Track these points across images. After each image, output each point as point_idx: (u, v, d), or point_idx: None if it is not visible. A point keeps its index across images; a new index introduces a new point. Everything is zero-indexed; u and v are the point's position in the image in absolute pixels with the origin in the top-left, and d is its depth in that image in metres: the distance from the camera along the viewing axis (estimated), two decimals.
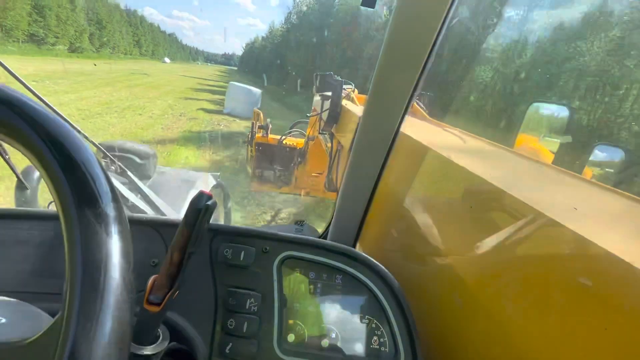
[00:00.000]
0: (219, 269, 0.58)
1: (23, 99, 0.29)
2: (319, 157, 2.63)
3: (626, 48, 1.62)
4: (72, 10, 48.25)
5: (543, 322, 0.40)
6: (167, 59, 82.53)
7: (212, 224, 0.56)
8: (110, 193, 0.28)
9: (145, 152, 1.76)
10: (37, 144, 0.28)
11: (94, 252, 0.25)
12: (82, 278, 0.23)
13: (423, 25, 0.53)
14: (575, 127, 0.94)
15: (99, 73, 22.34)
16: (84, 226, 0.26)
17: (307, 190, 3.12)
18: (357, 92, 2.01)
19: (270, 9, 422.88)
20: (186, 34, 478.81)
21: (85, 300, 0.23)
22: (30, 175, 1.13)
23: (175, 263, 0.36)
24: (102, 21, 62.58)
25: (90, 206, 0.26)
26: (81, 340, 0.22)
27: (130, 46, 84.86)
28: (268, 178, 3.39)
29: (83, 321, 0.23)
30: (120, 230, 0.27)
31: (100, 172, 0.29)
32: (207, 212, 0.35)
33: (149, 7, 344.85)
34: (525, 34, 1.27)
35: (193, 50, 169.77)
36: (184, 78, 28.72)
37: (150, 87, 16.86)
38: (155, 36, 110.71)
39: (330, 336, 0.55)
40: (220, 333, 0.54)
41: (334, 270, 0.59)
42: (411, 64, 0.57)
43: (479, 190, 0.57)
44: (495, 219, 0.53)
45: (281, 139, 3.09)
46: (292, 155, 3.06)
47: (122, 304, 0.25)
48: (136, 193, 1.05)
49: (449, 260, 0.60)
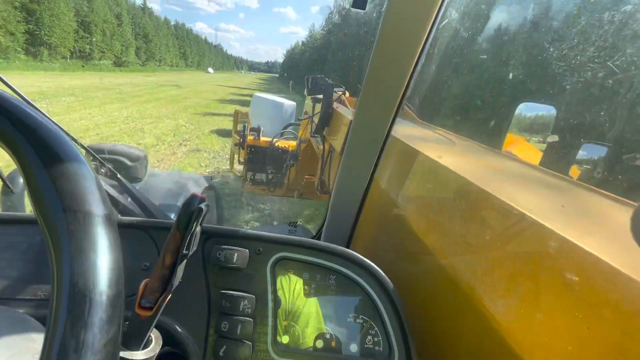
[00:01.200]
0: (212, 272, 0.57)
1: (13, 102, 0.28)
2: (311, 158, 2.63)
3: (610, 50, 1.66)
4: (118, 26, 48.98)
5: (533, 319, 0.41)
6: (211, 69, 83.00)
7: (205, 226, 0.55)
8: (99, 197, 0.28)
9: (136, 155, 1.73)
10: (23, 146, 0.27)
11: (82, 261, 0.25)
12: (69, 287, 0.23)
13: (412, 28, 0.54)
14: (563, 126, 0.96)
15: (124, 86, 19.65)
16: (72, 233, 0.25)
17: (300, 192, 3.13)
18: (348, 94, 2.02)
19: (311, 16, 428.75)
20: (232, 45, 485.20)
21: (72, 309, 0.23)
22: (16, 179, 1.10)
23: (168, 266, 0.36)
24: (148, 35, 63.45)
25: (78, 211, 0.26)
26: (69, 348, 0.21)
27: (176, 58, 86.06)
28: (261, 180, 3.37)
29: (70, 329, 0.22)
30: (110, 237, 0.27)
31: (90, 175, 0.28)
32: (200, 214, 0.35)
33: (200, 22, 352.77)
34: (514, 35, 1.29)
35: (238, 60, 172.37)
36: (218, 88, 27.08)
37: (170, 102, 14.44)
38: (201, 48, 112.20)
39: (325, 337, 0.55)
40: (214, 336, 0.54)
41: (327, 271, 0.59)
42: (401, 65, 0.58)
43: (468, 190, 0.58)
44: (486, 218, 0.54)
45: (273, 141, 3.08)
46: (284, 157, 3.06)
47: (111, 313, 0.24)
48: (126, 196, 1.04)
49: (442, 260, 0.61)
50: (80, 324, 0.23)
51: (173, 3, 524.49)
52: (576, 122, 0.98)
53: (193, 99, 16.71)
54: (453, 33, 0.91)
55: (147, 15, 67.53)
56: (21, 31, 29.64)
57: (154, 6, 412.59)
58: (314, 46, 44.60)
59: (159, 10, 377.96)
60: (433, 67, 0.96)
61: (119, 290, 0.26)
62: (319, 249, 0.60)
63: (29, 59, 30.28)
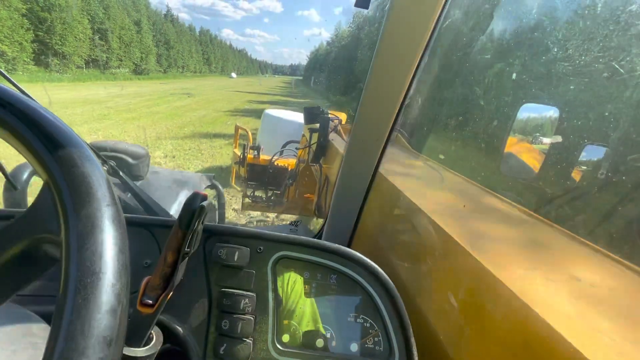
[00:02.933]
0: (213, 270, 0.57)
1: (25, 101, 0.29)
2: (309, 179, 2.63)
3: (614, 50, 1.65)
4: (137, 32, 48.01)
5: (535, 320, 0.41)
6: (234, 74, 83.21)
7: (206, 224, 0.56)
8: (108, 194, 0.28)
9: (137, 152, 1.74)
10: (35, 144, 0.28)
11: (90, 255, 0.25)
12: (76, 280, 0.23)
13: (415, 28, 0.54)
14: (565, 128, 0.95)
15: (124, 98, 16.38)
16: (81, 228, 0.25)
17: (300, 211, 3.12)
18: (344, 121, 2.05)
19: (334, 17, 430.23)
20: (257, 50, 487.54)
21: (78, 301, 0.23)
22: (19, 176, 1.11)
23: (170, 264, 0.36)
24: (170, 41, 62.66)
25: (89, 207, 0.26)
26: (72, 342, 0.22)
27: (200, 64, 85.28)
28: (260, 198, 3.38)
29: (75, 322, 0.22)
30: (118, 232, 0.27)
31: (99, 173, 0.29)
32: (202, 212, 0.35)
33: (227, 29, 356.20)
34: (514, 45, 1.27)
35: (262, 64, 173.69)
36: (235, 95, 23.40)
37: (167, 117, 11.24)
38: (225, 53, 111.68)
39: (325, 336, 0.55)
40: (215, 334, 0.54)
41: (328, 270, 0.59)
42: (404, 65, 0.57)
43: (470, 190, 0.58)
44: (487, 218, 0.54)
45: (272, 159, 3.09)
46: (283, 175, 3.04)
47: (116, 308, 0.24)
48: (128, 193, 1.04)
49: (443, 260, 0.61)
50: (85, 321, 0.23)
51: (202, 12, 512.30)
52: (580, 123, 0.97)
53: (200, 111, 13.66)
54: (456, 33, 0.91)
55: (169, 21, 66.59)
56: (29, 40, 28.51)
57: (184, 15, 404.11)
58: (338, 45, 44.61)
59: (189, 19, 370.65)
60: (436, 67, 0.95)
61: (125, 288, 0.26)
62: (320, 248, 0.59)
63: (39, 70, 29.19)
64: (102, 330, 0.23)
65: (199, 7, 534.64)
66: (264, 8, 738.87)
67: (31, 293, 0.53)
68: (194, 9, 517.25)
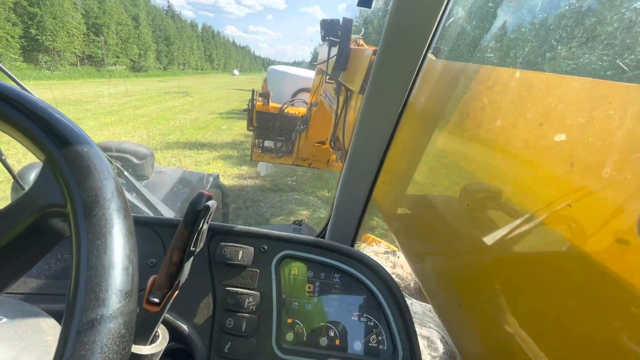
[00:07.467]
0: (218, 269, 0.58)
1: (37, 102, 0.30)
2: (322, 123, 2.52)
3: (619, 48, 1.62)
4: (135, 28, 46.45)
5: (541, 319, 0.41)
6: (236, 71, 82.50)
7: (210, 223, 0.56)
8: (116, 192, 0.29)
9: (142, 153, 1.75)
10: (46, 144, 0.29)
11: (97, 220, 0.26)
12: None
13: (418, 25, 0.54)
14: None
15: (109, 98, 14.14)
16: (85, 198, 0.27)
17: (309, 161, 3.03)
18: (362, 40, 1.93)
19: (338, 14, 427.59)
20: (260, 47, 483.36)
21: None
22: (26, 176, 1.12)
23: (175, 263, 0.37)
24: (169, 37, 61.16)
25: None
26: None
27: (201, 61, 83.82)
28: (269, 148, 3.31)
29: (92, 278, 0.24)
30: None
31: (109, 171, 0.29)
32: (207, 212, 0.36)
33: (230, 26, 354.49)
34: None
35: (266, 61, 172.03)
36: (234, 94, 20.71)
37: (152, 122, 9.35)
38: (227, 50, 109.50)
39: (329, 334, 0.55)
40: (219, 332, 0.54)
41: (332, 269, 0.59)
42: (407, 63, 0.57)
43: (475, 188, 0.58)
44: (492, 217, 0.54)
45: (282, 107, 3.01)
46: (293, 123, 2.96)
47: (128, 266, 0.26)
48: (133, 193, 1.05)
49: (447, 259, 0.61)
50: (101, 276, 0.24)
51: (205, 9, 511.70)
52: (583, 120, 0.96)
53: (193, 113, 12.08)
54: (459, 30, 0.91)
55: (170, 17, 65.18)
56: (17, 35, 27.18)
57: (187, 12, 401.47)
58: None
59: (192, 16, 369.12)
60: (439, 65, 0.95)
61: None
62: (323, 247, 0.60)
63: (29, 67, 27.82)
64: (118, 284, 0.24)
65: (202, 4, 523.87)
66: (267, 5, 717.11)
67: (40, 292, 0.54)
68: (197, 5, 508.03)
